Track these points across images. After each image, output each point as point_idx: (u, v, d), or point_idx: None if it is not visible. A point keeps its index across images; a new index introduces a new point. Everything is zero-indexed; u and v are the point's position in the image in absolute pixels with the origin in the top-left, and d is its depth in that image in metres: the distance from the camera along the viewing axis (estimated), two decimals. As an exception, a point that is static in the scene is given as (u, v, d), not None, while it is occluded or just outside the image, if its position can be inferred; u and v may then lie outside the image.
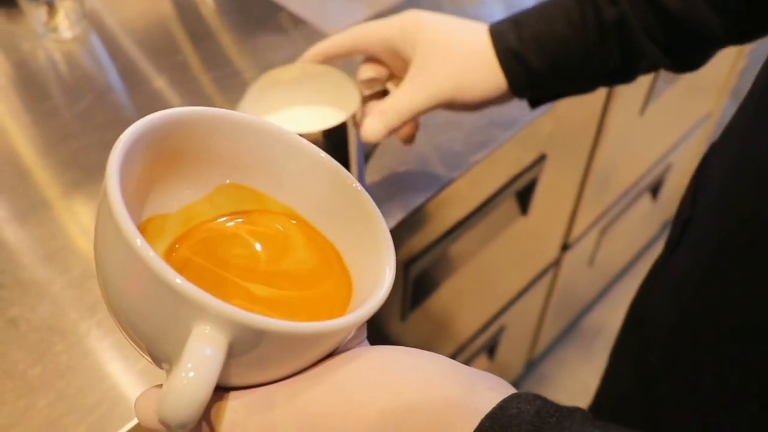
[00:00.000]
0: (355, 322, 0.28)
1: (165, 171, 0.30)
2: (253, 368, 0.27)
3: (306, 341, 0.26)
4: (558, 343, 1.60)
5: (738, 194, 0.40)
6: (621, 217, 1.32)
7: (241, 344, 0.24)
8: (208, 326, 0.23)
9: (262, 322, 0.24)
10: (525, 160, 0.82)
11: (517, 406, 0.28)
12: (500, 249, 0.95)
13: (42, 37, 0.85)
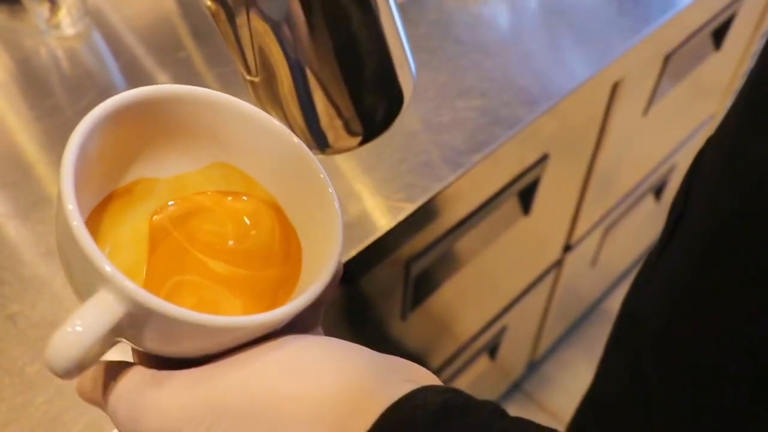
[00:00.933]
0: (260, 323, 0.29)
1: (160, 140, 0.33)
2: (161, 342, 0.28)
3: (199, 330, 0.27)
4: (560, 344, 1.59)
5: (730, 189, 0.40)
6: (624, 217, 1.31)
7: (139, 318, 0.27)
8: (110, 294, 0.26)
9: (153, 302, 0.26)
10: (527, 160, 0.82)
11: (425, 398, 0.28)
12: (502, 249, 0.94)
13: (44, 34, 0.85)
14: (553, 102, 0.75)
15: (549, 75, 0.78)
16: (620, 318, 0.62)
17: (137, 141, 0.32)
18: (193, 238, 0.33)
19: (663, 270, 0.49)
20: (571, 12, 0.86)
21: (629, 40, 0.83)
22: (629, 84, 0.92)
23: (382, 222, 0.65)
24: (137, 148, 0.32)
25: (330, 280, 0.31)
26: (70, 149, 0.28)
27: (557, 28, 0.84)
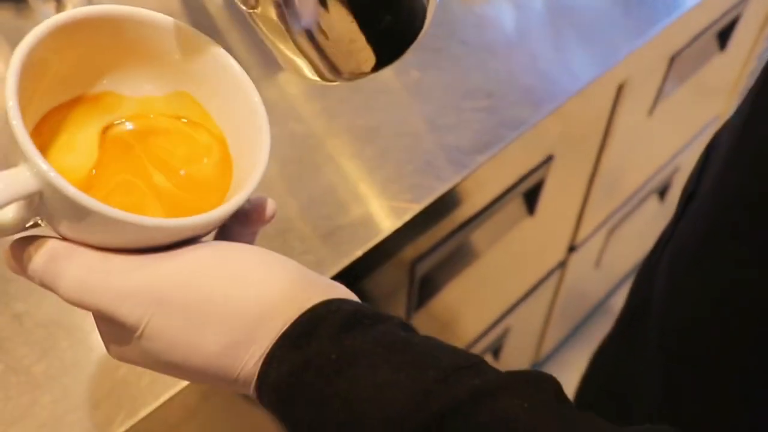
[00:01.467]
0: (173, 225, 0.31)
1: (130, 61, 0.37)
2: (75, 228, 0.31)
3: (102, 219, 0.30)
4: (563, 345, 1.59)
5: (737, 171, 0.40)
6: (628, 218, 1.31)
7: (52, 198, 0.29)
8: (27, 171, 0.29)
9: (59, 182, 0.29)
10: (532, 161, 0.82)
11: (338, 306, 0.32)
12: (506, 249, 0.94)
13: (50, 33, 0.85)
14: (558, 103, 0.75)
15: (554, 76, 0.78)
16: (629, 303, 0.62)
17: (105, 55, 0.36)
18: (148, 150, 0.37)
19: (671, 249, 0.49)
20: (577, 12, 0.86)
21: (635, 41, 0.83)
22: (634, 85, 0.92)
23: (387, 223, 0.65)
24: (107, 63, 0.36)
25: (247, 196, 0.34)
26: (20, 48, 0.31)
27: (562, 29, 0.84)
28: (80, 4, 0.84)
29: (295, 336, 0.31)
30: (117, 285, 0.31)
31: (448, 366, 0.30)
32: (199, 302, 0.31)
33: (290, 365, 0.31)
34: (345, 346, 0.30)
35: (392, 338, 0.31)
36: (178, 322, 0.31)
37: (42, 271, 0.33)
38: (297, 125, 0.72)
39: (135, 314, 0.31)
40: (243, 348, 0.31)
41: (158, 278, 0.32)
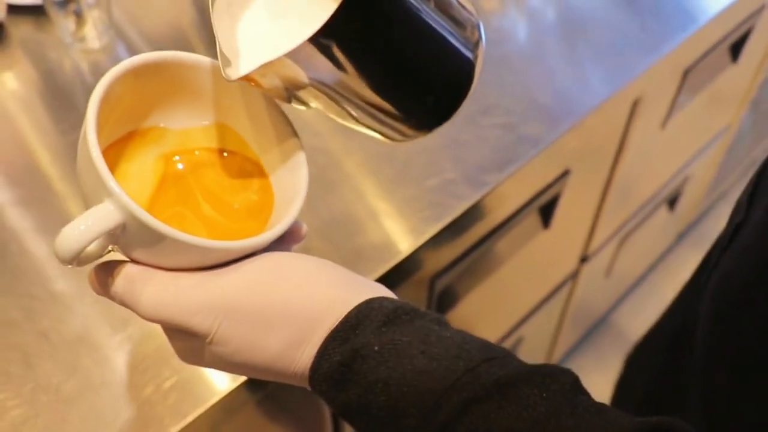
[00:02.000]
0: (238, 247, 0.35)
1: (174, 98, 0.40)
2: (147, 252, 0.35)
3: (180, 246, 0.33)
4: (572, 353, 1.60)
5: None
6: (638, 228, 1.32)
7: (133, 228, 0.32)
8: (111, 205, 0.32)
9: (143, 216, 0.32)
10: (549, 176, 0.82)
11: (381, 303, 0.36)
12: (521, 262, 0.95)
13: (69, 47, 0.86)
14: (576, 119, 0.76)
15: (571, 91, 0.79)
16: (672, 317, 0.63)
17: (154, 94, 0.39)
18: (195, 181, 0.40)
19: (718, 278, 0.50)
20: (592, 27, 0.87)
21: (651, 56, 0.83)
22: (649, 99, 0.92)
23: (406, 243, 0.66)
24: (155, 100, 0.39)
25: (292, 221, 0.38)
26: (98, 89, 0.34)
27: (578, 44, 0.85)
28: (101, 20, 0.85)
29: (343, 331, 0.35)
30: (188, 300, 0.35)
31: (476, 357, 0.34)
32: (261, 308, 0.36)
33: (340, 356, 0.35)
34: (386, 338, 0.35)
35: (427, 332, 0.35)
36: (244, 328, 0.35)
37: (122, 292, 0.36)
38: (314, 142, 0.72)
39: (206, 324, 0.35)
40: (300, 345, 0.36)
41: (224, 290, 0.36)
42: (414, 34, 0.36)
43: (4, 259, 0.64)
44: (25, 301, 0.61)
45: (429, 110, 0.39)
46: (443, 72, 0.38)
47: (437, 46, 0.37)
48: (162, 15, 0.90)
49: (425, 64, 0.37)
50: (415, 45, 0.36)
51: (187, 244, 0.33)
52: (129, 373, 0.57)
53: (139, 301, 0.36)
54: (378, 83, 0.37)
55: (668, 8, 0.90)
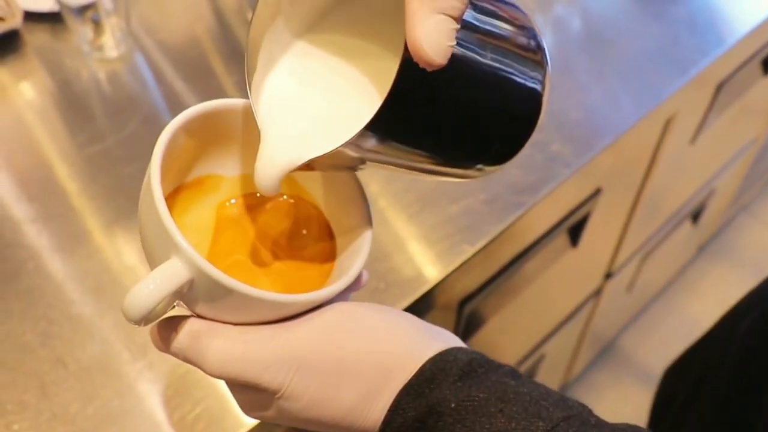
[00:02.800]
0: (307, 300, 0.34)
1: (226, 144, 0.39)
2: (221, 307, 0.33)
3: (247, 300, 0.32)
4: (589, 369, 1.57)
5: None
6: (662, 243, 1.29)
7: (201, 283, 0.32)
8: (179, 261, 0.31)
9: (213, 272, 0.31)
10: (581, 195, 0.80)
11: (455, 355, 0.35)
12: (547, 282, 0.92)
13: (87, 56, 0.83)
14: (612, 137, 0.73)
15: (604, 108, 0.76)
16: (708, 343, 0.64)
17: (208, 143, 0.38)
18: (256, 227, 0.40)
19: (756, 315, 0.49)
20: (623, 40, 0.84)
21: (686, 73, 0.81)
22: (681, 114, 0.90)
23: (434, 271, 0.63)
24: (209, 149, 0.38)
25: (360, 269, 0.36)
26: (159, 146, 0.33)
27: (609, 58, 0.82)
28: (119, 28, 0.82)
29: (419, 385, 0.34)
30: (257, 355, 0.34)
31: (555, 416, 0.33)
32: (334, 362, 0.34)
33: (415, 412, 0.34)
34: (462, 394, 0.34)
35: (504, 387, 0.34)
36: (316, 383, 0.34)
37: (186, 348, 0.35)
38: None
39: (277, 380, 0.34)
40: (373, 399, 0.35)
41: (295, 344, 0.34)
42: (474, 94, 0.33)
43: (19, 278, 0.62)
44: (41, 325, 0.59)
45: (496, 154, 0.37)
46: (509, 117, 0.35)
47: (500, 95, 0.34)
48: (180, 23, 0.87)
49: (488, 120, 0.34)
50: (476, 105, 0.33)
51: (258, 299, 0.32)
52: (151, 403, 0.55)
53: (206, 357, 0.34)
54: (439, 152, 0.34)
55: (701, 22, 0.88)
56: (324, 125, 0.34)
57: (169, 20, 0.88)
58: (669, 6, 0.89)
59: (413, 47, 0.27)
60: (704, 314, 1.66)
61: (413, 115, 0.31)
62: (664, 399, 0.77)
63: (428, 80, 0.29)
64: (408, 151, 0.33)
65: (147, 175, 0.33)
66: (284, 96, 0.36)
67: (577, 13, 0.87)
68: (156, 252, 0.33)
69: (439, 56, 0.27)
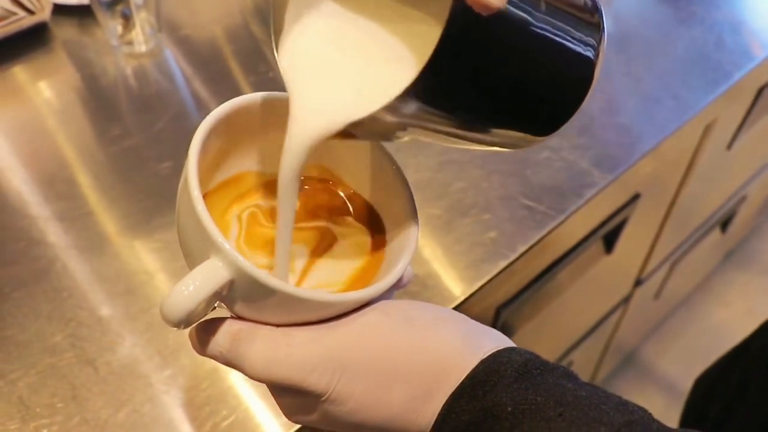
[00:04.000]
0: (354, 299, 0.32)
1: (261, 141, 0.37)
2: (262, 308, 0.32)
3: (290, 300, 0.31)
4: (613, 375, 1.55)
5: None
6: (691, 250, 1.26)
7: (241, 284, 0.30)
8: (219, 261, 0.30)
9: (253, 270, 0.30)
10: (619, 201, 0.78)
11: (509, 356, 0.33)
12: (580, 288, 0.90)
13: (115, 50, 0.82)
14: (653, 143, 0.71)
15: (647, 113, 0.74)
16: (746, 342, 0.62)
17: (239, 140, 0.37)
18: (297, 218, 0.37)
19: None
20: (665, 43, 0.82)
21: (729, 79, 0.78)
22: (721, 120, 0.88)
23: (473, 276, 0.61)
24: (240, 145, 0.37)
25: (406, 266, 0.35)
26: (194, 146, 0.32)
27: (653, 61, 0.80)
28: (149, 23, 0.81)
29: (472, 387, 0.33)
30: (301, 357, 0.32)
31: (616, 421, 0.31)
32: (382, 362, 0.33)
33: (469, 415, 0.32)
34: (519, 398, 0.32)
35: (562, 390, 0.32)
36: (364, 384, 0.33)
37: (227, 351, 0.33)
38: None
39: (322, 382, 0.32)
40: (424, 400, 0.33)
41: (341, 345, 0.33)
42: (526, 51, 0.30)
43: (48, 278, 0.60)
44: (71, 327, 0.57)
45: (545, 120, 0.34)
46: (562, 80, 0.33)
47: (554, 54, 0.31)
48: (208, 18, 0.86)
49: (540, 80, 0.32)
50: (528, 63, 0.31)
51: (301, 299, 0.31)
52: (182, 410, 0.53)
53: (247, 359, 0.33)
54: (484, 115, 0.32)
55: (743, 25, 0.85)
56: (359, 89, 0.31)
57: (199, 15, 0.86)
58: (712, 9, 0.87)
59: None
60: (728, 322, 1.64)
61: (460, 72, 0.28)
62: (699, 407, 0.75)
63: (479, 31, 0.27)
64: (452, 114, 0.30)
65: (183, 175, 0.32)
66: (314, 59, 0.33)
67: (612, 15, 0.85)
68: (195, 252, 0.32)
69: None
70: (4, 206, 0.65)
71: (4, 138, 0.72)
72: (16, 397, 0.53)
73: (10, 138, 0.72)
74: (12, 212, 0.65)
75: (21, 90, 0.77)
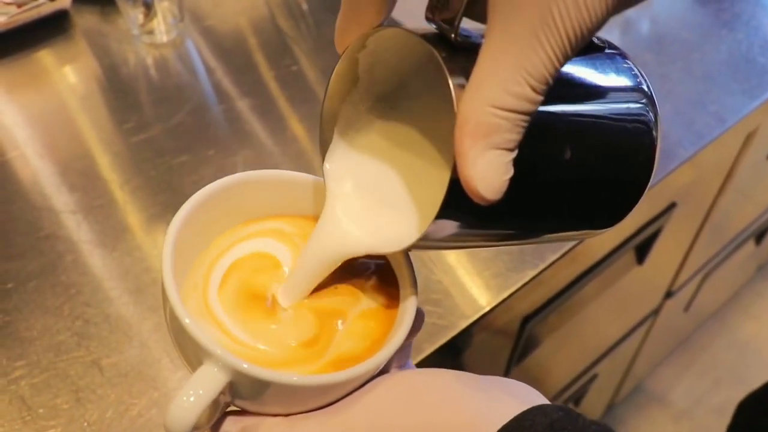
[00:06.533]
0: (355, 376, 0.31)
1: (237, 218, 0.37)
2: (266, 401, 0.32)
3: (290, 389, 0.30)
4: (637, 389, 1.50)
5: None
6: (724, 262, 1.22)
7: (241, 383, 0.30)
8: (215, 366, 0.30)
9: (249, 369, 0.29)
10: (654, 210, 0.74)
11: (532, 419, 0.29)
12: (610, 299, 0.87)
13: (136, 40, 0.80)
14: (693, 150, 0.68)
15: (687, 119, 0.70)
16: None
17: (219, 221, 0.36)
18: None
19: None
20: (708, 47, 0.78)
21: (775, 83, 0.75)
22: (763, 128, 0.83)
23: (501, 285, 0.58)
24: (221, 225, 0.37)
25: (409, 331, 0.33)
26: (167, 250, 0.32)
27: (693, 64, 0.76)
28: (171, 12, 0.79)
29: None
30: None
31: None
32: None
33: None
34: None
35: None
36: None
37: None
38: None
39: None
40: None
41: (347, 428, 0.31)
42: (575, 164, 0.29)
43: (57, 272, 0.58)
44: (78, 325, 0.55)
45: (607, 219, 0.32)
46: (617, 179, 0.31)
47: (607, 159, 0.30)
48: (233, 10, 0.83)
49: (594, 186, 0.30)
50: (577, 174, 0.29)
51: (299, 386, 0.30)
52: (189, 417, 0.51)
53: None
54: (544, 225, 0.31)
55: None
56: (397, 212, 0.32)
57: (220, 7, 0.84)
58: (758, 11, 0.83)
59: (467, 186, 0.24)
60: (756, 337, 1.59)
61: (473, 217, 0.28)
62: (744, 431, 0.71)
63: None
64: (492, 233, 0.30)
65: (162, 282, 0.32)
66: (355, 182, 0.34)
67: (651, 17, 0.82)
68: (190, 355, 0.32)
69: (494, 193, 0.25)
70: (16, 196, 0.63)
71: (20, 126, 0.70)
72: (19, 397, 0.51)
73: (26, 126, 0.70)
74: (24, 203, 0.63)
75: (40, 78, 0.75)
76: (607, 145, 0.29)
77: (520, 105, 0.24)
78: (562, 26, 0.22)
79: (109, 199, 0.64)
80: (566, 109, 0.28)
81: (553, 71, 0.23)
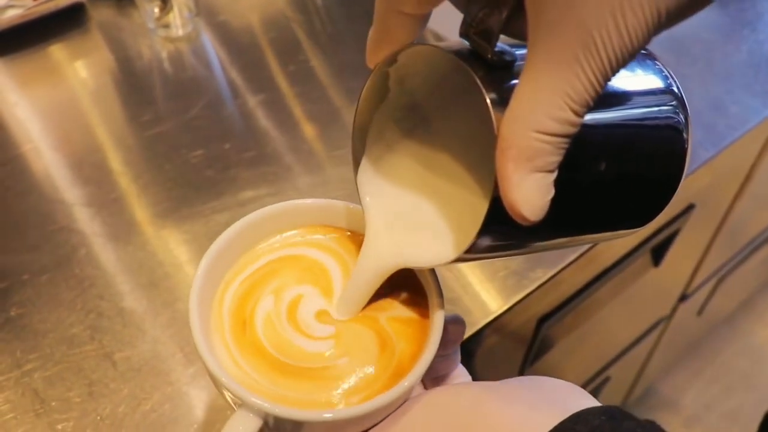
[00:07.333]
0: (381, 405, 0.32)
1: None
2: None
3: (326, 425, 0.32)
4: (649, 392, 1.49)
5: None
6: (739, 266, 1.21)
7: (275, 424, 0.32)
8: (249, 412, 0.32)
9: (283, 412, 0.31)
10: (672, 211, 0.73)
11: (573, 427, 0.28)
12: (624, 301, 0.86)
13: (151, 33, 0.79)
14: (713, 151, 0.67)
15: (707, 120, 0.70)
16: None
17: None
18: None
19: None
20: (728, 47, 0.77)
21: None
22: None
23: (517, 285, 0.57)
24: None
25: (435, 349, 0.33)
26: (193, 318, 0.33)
27: (713, 63, 0.75)
28: (187, 6, 0.78)
29: None
30: None
31: None
32: None
33: None
34: None
35: None
36: None
37: None
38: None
39: None
40: None
41: None
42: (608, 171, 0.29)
43: (70, 265, 0.58)
44: (91, 318, 0.55)
45: (639, 221, 0.32)
46: (651, 182, 0.31)
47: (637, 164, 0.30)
48: (248, 5, 0.83)
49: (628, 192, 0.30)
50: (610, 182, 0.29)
51: (335, 421, 0.32)
52: (203, 412, 0.50)
53: None
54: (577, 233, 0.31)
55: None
56: (433, 228, 0.33)
57: (235, 2, 0.83)
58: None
59: (511, 209, 0.25)
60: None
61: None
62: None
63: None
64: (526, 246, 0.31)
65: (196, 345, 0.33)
66: (393, 196, 0.34)
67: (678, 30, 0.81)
68: (226, 396, 0.33)
69: (538, 215, 0.25)
70: (30, 189, 0.63)
71: (35, 119, 0.70)
72: (32, 389, 0.51)
73: (41, 119, 0.70)
74: (38, 195, 0.63)
75: (55, 71, 0.75)
76: (641, 152, 0.30)
77: (562, 129, 0.24)
78: (603, 51, 0.22)
79: (122, 192, 0.63)
80: (601, 119, 0.28)
81: (594, 95, 0.24)
